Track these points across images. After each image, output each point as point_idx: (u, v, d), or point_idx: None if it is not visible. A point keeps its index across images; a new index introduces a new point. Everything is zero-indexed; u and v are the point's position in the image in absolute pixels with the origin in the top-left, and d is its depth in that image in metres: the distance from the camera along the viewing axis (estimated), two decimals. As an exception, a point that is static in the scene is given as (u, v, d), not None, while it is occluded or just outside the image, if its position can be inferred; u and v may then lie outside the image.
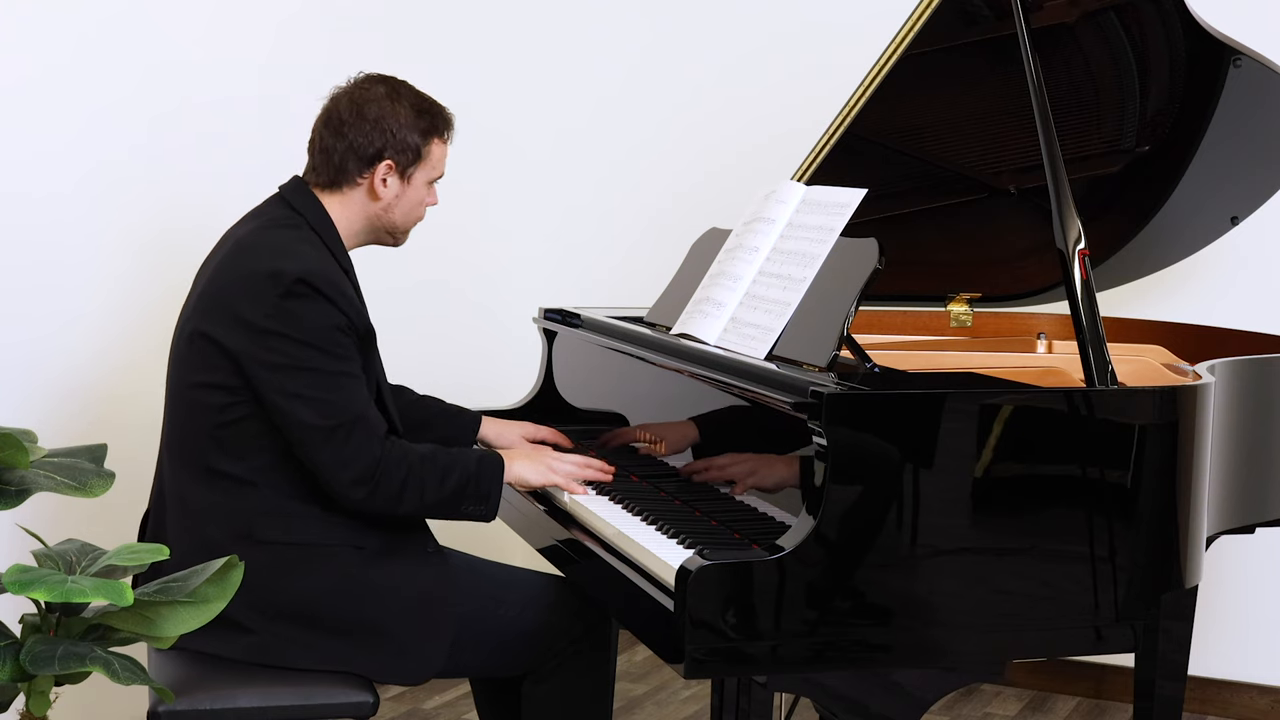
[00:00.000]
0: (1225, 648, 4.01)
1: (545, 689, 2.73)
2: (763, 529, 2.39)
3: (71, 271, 3.34)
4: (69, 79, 3.30)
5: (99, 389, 3.36)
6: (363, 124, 2.68)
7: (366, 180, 2.70)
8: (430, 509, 2.62)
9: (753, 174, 3.63)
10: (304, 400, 2.51)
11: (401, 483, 2.55)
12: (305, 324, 2.52)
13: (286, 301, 2.52)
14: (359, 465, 2.53)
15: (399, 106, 2.70)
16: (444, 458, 2.63)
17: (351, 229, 2.73)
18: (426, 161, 2.74)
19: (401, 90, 2.74)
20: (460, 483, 2.61)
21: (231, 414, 2.56)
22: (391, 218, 2.75)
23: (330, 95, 2.75)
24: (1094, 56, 3.11)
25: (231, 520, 2.56)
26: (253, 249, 2.61)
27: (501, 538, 3.41)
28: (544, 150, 4.74)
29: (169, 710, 2.42)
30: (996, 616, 2.31)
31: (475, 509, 2.64)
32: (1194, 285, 3.96)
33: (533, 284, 4.64)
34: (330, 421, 2.51)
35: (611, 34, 4.70)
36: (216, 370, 2.56)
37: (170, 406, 2.67)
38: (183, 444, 2.62)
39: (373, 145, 2.68)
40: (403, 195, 2.73)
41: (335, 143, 2.70)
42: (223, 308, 2.57)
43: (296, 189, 2.73)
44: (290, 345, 2.52)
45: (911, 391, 2.31)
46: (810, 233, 2.69)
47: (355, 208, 2.72)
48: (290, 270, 2.53)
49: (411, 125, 2.71)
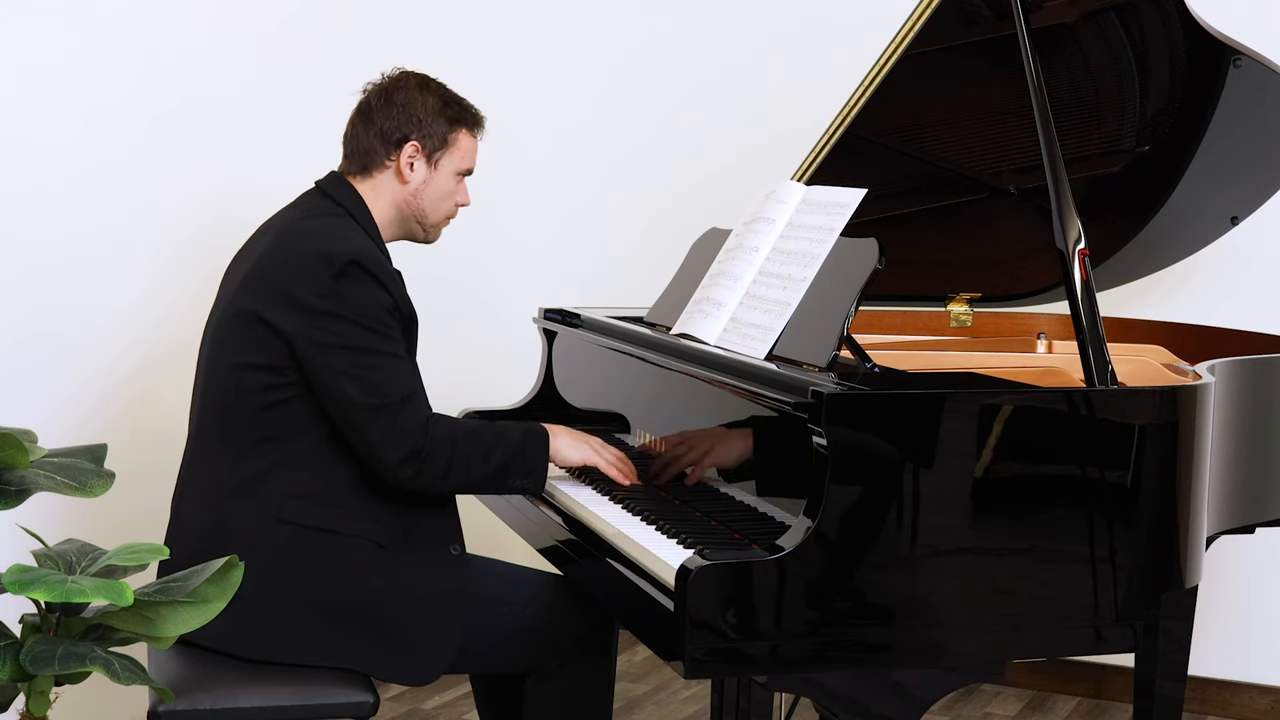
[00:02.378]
0: (1225, 648, 4.00)
1: (547, 688, 2.73)
2: (763, 529, 2.39)
3: (71, 271, 3.34)
4: (68, 79, 3.30)
5: (100, 389, 3.36)
6: (390, 108, 2.75)
7: (394, 163, 2.75)
8: (476, 485, 2.65)
9: (753, 174, 3.63)
10: (353, 379, 2.54)
11: (448, 461, 2.58)
12: (357, 304, 2.56)
13: (338, 283, 2.55)
14: (406, 444, 2.55)
15: (427, 95, 2.78)
16: (489, 433, 2.65)
17: (385, 217, 2.78)
18: (454, 149, 2.78)
19: (431, 84, 2.81)
20: (504, 459, 2.64)
21: (276, 395, 2.58)
22: (420, 204, 2.78)
23: (363, 89, 2.81)
24: (1094, 56, 3.11)
25: (260, 499, 2.57)
26: (301, 234, 2.66)
27: (501, 538, 3.40)
28: (544, 150, 4.75)
29: (169, 710, 2.42)
30: (996, 616, 2.31)
31: (521, 483, 2.68)
32: (1194, 285, 3.96)
33: (533, 284, 4.64)
34: (379, 400, 2.54)
35: (611, 34, 4.70)
36: (266, 350, 2.58)
37: (206, 386, 2.68)
38: (220, 423, 2.64)
39: (399, 129, 2.75)
40: (430, 181, 2.77)
41: (365, 129, 2.76)
42: (274, 289, 2.59)
43: (334, 182, 2.78)
44: (342, 325, 2.55)
45: (911, 391, 2.31)
46: (810, 233, 2.69)
47: (386, 194, 2.76)
48: (342, 252, 2.57)
49: (438, 112, 2.77)
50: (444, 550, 2.68)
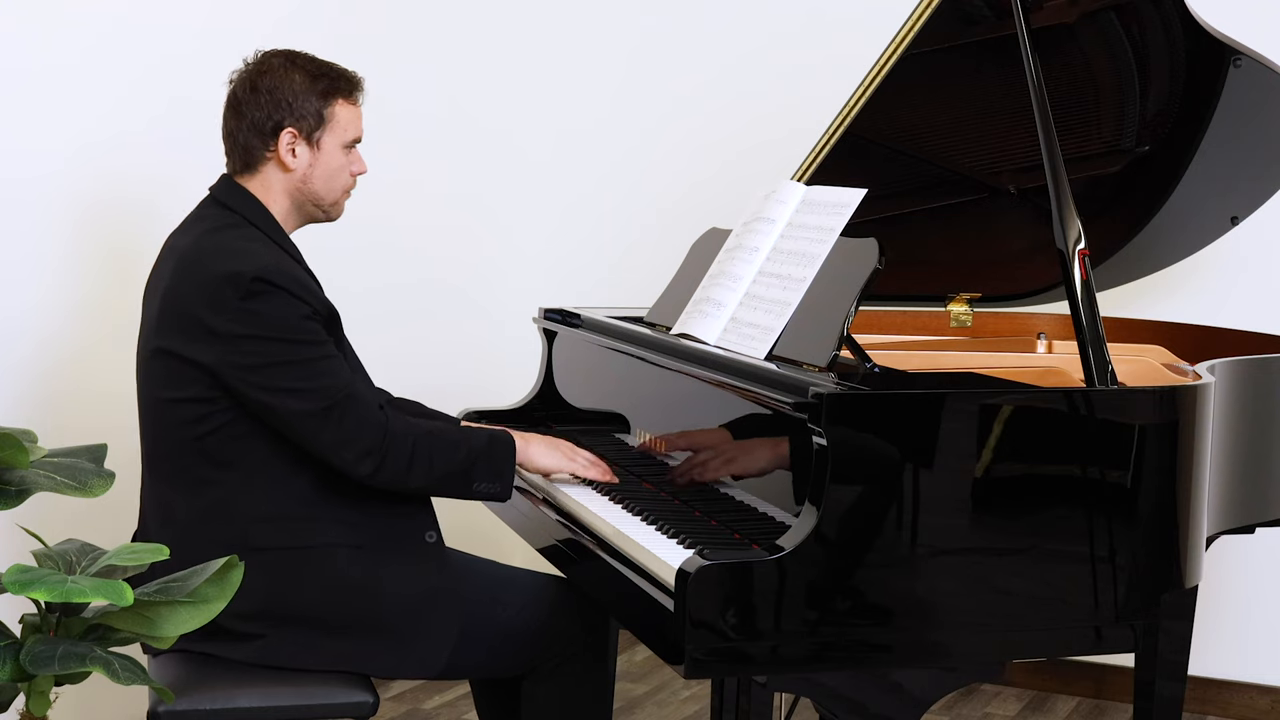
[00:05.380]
0: (1225, 648, 4.00)
1: (545, 689, 2.73)
2: (763, 529, 2.39)
3: (71, 272, 3.34)
4: (67, 79, 3.30)
5: (99, 389, 3.36)
6: (257, 97, 2.64)
7: (274, 154, 2.66)
8: (441, 483, 2.60)
9: (753, 174, 3.63)
10: (292, 392, 2.50)
11: (410, 453, 2.54)
12: (272, 321, 2.51)
13: (248, 302, 2.50)
14: (363, 439, 2.52)
15: (293, 74, 2.66)
16: (454, 432, 2.63)
17: (282, 210, 2.69)
18: (333, 124, 2.68)
19: (298, 58, 2.69)
20: (470, 458, 2.60)
21: (210, 424, 2.54)
22: (312, 187, 2.69)
23: (229, 79, 2.71)
24: (1094, 56, 3.11)
25: (225, 531, 2.54)
26: (201, 257, 2.58)
27: (501, 538, 3.41)
28: (544, 150, 4.74)
29: (169, 710, 2.42)
30: (996, 617, 2.31)
31: (488, 486, 2.63)
32: (1194, 285, 3.96)
33: (532, 284, 4.64)
34: (323, 404, 2.50)
35: (611, 34, 4.70)
36: (189, 384, 2.54)
37: (146, 423, 2.65)
38: (166, 459, 2.60)
39: (270, 117, 2.64)
40: (316, 163, 2.68)
41: (237, 124, 2.67)
42: (185, 320, 2.54)
43: (225, 187, 2.70)
44: (263, 344, 2.50)
45: (911, 391, 2.31)
46: (810, 233, 2.69)
47: (275, 186, 2.68)
48: (246, 270, 2.51)
49: (308, 89, 2.65)
50: (420, 539, 2.65)
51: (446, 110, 4.35)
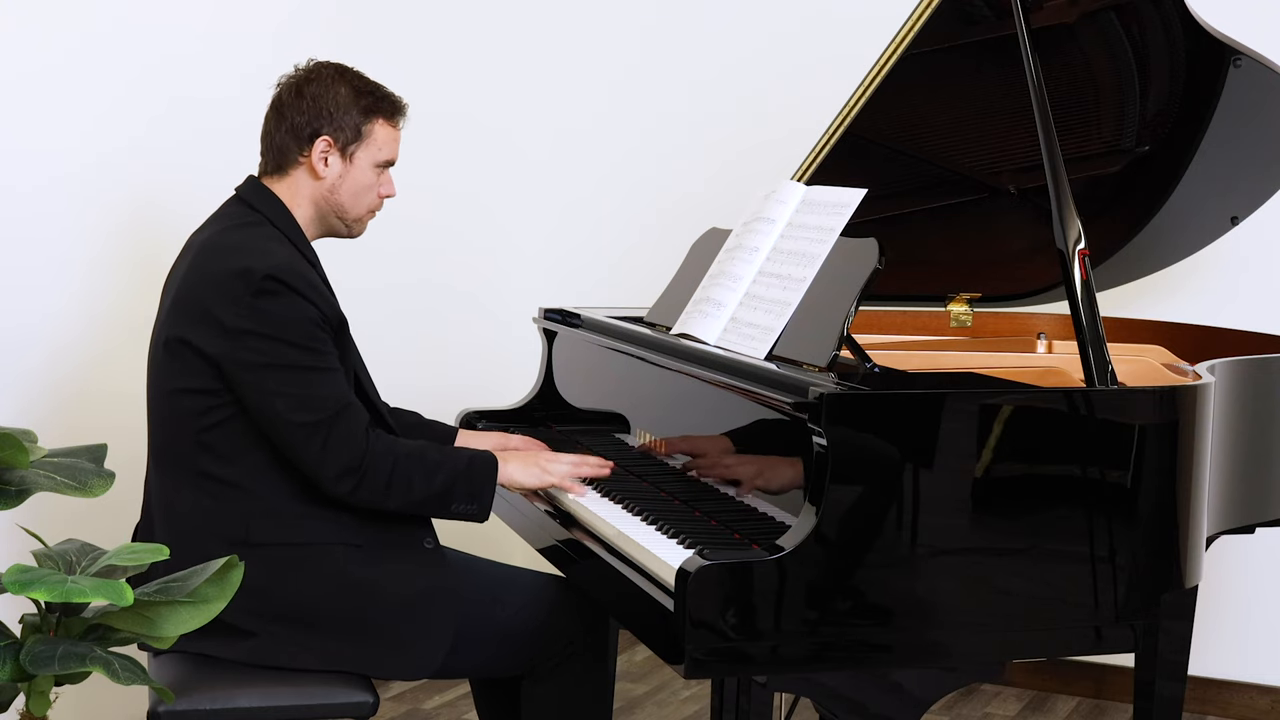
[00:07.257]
0: (1225, 648, 4.00)
1: (544, 689, 2.73)
2: (763, 529, 2.39)
3: (71, 272, 3.34)
4: (67, 78, 3.30)
5: (99, 389, 3.36)
6: (301, 102, 2.68)
7: (306, 159, 2.68)
8: (419, 505, 2.61)
9: (753, 174, 3.63)
10: (284, 397, 2.51)
11: (389, 475, 2.55)
12: (279, 321, 2.52)
13: (259, 300, 2.51)
14: (344, 457, 2.52)
15: (339, 86, 2.69)
16: (434, 454, 2.62)
17: (305, 216, 2.71)
18: (369, 141, 2.70)
19: (348, 73, 2.72)
20: (449, 480, 2.60)
21: (215, 417, 2.55)
22: (338, 199, 2.71)
23: (277, 83, 2.74)
24: (1094, 56, 3.11)
25: (226, 525, 2.55)
26: (218, 250, 2.60)
27: (501, 538, 3.41)
28: (544, 150, 4.74)
29: (169, 710, 2.42)
30: (996, 617, 2.31)
31: (465, 508, 2.63)
32: (1194, 285, 3.96)
33: (532, 284, 4.64)
34: (313, 416, 2.51)
35: (611, 34, 4.70)
36: (196, 375, 2.55)
37: (153, 415, 2.66)
38: (170, 451, 2.61)
39: (310, 124, 2.67)
40: (346, 175, 2.70)
41: (277, 125, 2.70)
42: (196, 312, 2.55)
43: (251, 187, 2.72)
44: (266, 343, 2.51)
45: (911, 391, 2.31)
46: (810, 233, 2.69)
47: (303, 192, 2.70)
48: (258, 268, 2.52)
49: (351, 104, 2.68)
50: (419, 544, 2.65)
51: (446, 110, 4.35)
